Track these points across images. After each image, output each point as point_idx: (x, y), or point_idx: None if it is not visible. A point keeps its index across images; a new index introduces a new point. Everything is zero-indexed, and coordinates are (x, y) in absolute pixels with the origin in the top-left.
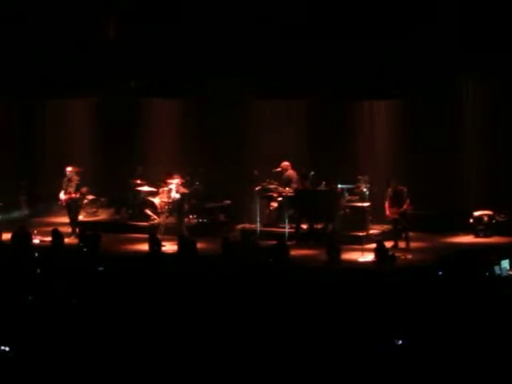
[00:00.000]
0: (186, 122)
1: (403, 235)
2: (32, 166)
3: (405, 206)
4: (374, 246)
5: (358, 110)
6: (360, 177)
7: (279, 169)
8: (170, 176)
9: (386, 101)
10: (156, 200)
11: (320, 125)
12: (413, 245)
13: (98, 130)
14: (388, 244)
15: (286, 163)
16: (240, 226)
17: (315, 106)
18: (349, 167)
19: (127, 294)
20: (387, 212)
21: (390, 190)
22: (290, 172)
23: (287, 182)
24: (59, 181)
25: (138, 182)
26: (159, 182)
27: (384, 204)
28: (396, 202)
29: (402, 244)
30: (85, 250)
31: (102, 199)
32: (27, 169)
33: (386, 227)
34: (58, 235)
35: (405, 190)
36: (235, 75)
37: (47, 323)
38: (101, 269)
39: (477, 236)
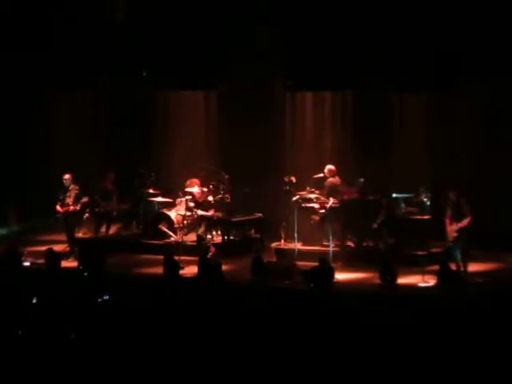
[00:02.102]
0: (208, 117)
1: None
2: (21, 173)
3: (465, 223)
4: (436, 267)
5: (415, 105)
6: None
7: (321, 174)
8: (189, 183)
9: (448, 91)
10: (172, 213)
11: (369, 122)
12: (482, 266)
13: (101, 128)
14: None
15: (330, 167)
16: (274, 244)
17: (361, 98)
18: (409, 173)
19: (137, 327)
20: (447, 230)
21: (448, 204)
22: (335, 179)
23: (331, 191)
24: (55, 191)
25: (151, 191)
26: (177, 190)
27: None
28: (456, 217)
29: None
30: (86, 274)
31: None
32: (16, 176)
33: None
34: (53, 256)
35: (464, 202)
36: (265, 62)
37: (41, 362)
38: (105, 297)
39: None
